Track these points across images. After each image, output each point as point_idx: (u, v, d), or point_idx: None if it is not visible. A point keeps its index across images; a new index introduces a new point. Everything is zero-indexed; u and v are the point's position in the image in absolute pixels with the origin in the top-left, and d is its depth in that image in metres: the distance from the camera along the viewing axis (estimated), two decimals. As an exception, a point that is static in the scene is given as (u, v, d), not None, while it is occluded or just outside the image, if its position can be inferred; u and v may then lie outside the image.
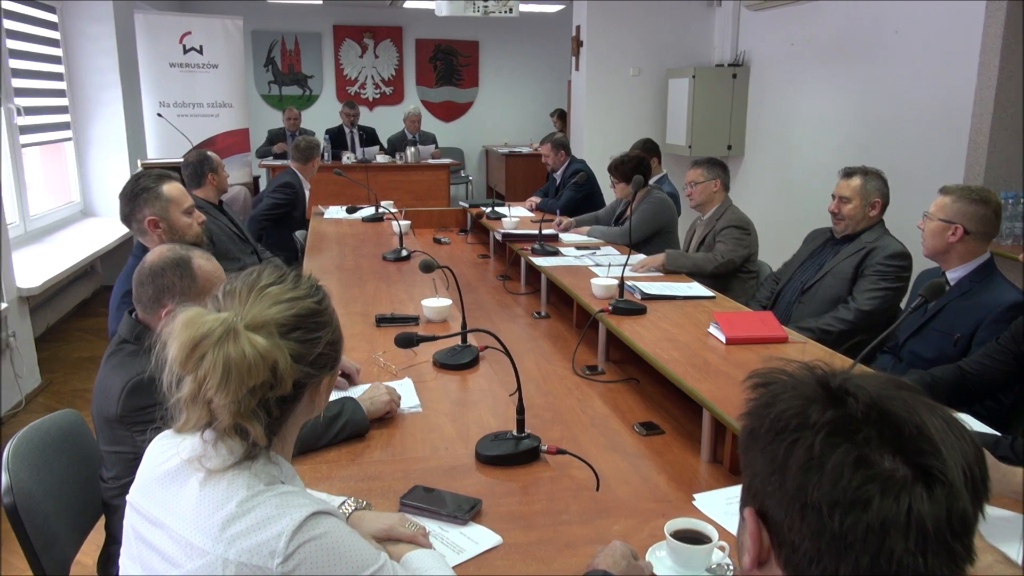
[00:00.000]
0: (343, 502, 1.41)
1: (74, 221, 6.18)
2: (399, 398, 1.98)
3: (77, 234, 5.78)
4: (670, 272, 3.53)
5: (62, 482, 1.88)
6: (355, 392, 2.01)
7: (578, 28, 6.90)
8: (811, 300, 3.06)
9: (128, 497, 1.15)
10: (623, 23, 6.71)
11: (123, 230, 5.83)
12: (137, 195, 2.64)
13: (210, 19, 6.62)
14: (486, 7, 4.01)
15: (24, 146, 5.35)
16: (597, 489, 1.73)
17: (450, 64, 10.19)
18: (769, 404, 0.75)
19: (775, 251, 3.50)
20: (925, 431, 0.69)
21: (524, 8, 8.45)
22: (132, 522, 1.13)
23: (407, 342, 1.77)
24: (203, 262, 1.88)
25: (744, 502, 0.78)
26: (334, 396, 2.01)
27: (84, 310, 5.80)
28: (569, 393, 2.65)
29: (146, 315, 1.86)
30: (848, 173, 3.08)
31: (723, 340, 2.55)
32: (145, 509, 1.11)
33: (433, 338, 1.82)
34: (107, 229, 5.91)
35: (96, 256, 5.21)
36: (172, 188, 2.66)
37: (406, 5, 8.95)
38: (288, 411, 1.13)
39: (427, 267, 2.30)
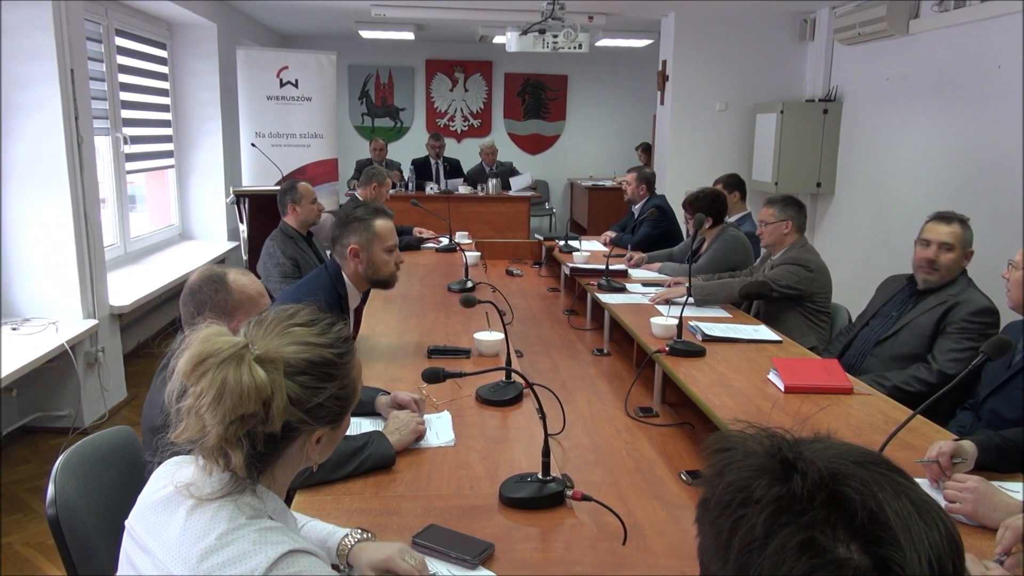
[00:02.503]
0: (347, 533, 1.40)
1: (172, 243, 6.53)
2: (424, 423, 1.97)
3: (174, 256, 6.09)
4: (701, 304, 3.41)
5: (108, 497, 1.93)
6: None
7: (664, 63, 6.85)
8: (883, 354, 2.85)
9: (126, 521, 1.17)
10: (710, 57, 6.62)
11: (216, 253, 6.17)
12: (349, 222, 2.71)
13: (305, 54, 6.94)
14: (555, 43, 4.01)
15: (130, 172, 5.71)
16: (624, 542, 1.65)
17: (538, 98, 10.29)
18: (720, 473, 0.69)
19: (865, 295, 3.27)
20: (882, 517, 0.61)
21: (612, 43, 8.45)
22: (126, 546, 1.15)
23: (434, 377, 1.76)
24: (239, 276, 1.95)
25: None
26: (367, 427, 2.01)
27: (175, 328, 6.07)
28: (617, 435, 2.57)
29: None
30: (947, 218, 2.79)
31: (781, 388, 2.42)
32: (137, 534, 1.13)
33: (460, 374, 1.80)
34: (202, 252, 6.21)
35: (188, 277, 5.44)
36: (382, 225, 2.72)
37: (496, 40, 9.11)
38: (275, 450, 1.12)
39: (468, 302, 2.28)
